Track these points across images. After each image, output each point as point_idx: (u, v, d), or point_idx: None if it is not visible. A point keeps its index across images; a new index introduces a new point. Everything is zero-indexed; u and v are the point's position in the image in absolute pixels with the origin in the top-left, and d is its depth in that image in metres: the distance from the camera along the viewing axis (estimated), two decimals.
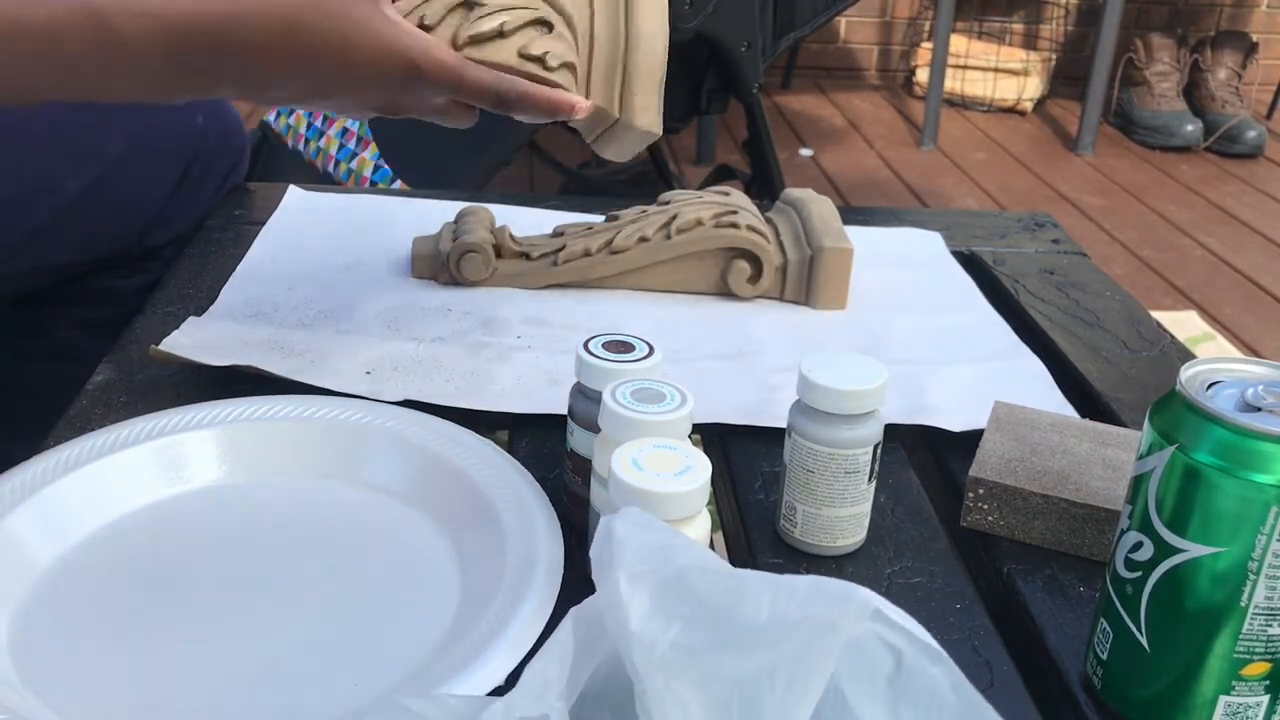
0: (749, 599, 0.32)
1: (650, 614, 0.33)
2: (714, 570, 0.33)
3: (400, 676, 0.49)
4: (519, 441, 0.68)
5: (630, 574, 0.34)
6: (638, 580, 0.33)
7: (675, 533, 0.36)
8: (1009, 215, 1.11)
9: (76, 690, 0.48)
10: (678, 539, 0.35)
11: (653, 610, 0.33)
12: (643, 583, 0.33)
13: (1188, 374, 0.46)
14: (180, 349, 0.71)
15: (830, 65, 3.77)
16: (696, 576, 0.33)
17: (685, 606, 0.33)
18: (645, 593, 0.33)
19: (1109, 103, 3.32)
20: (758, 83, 1.71)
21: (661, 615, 0.33)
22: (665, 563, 0.33)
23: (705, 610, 0.33)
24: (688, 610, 0.33)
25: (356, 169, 1.58)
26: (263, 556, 0.57)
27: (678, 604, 0.33)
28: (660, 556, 0.34)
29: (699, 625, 0.32)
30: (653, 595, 0.33)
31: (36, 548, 0.55)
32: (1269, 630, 0.45)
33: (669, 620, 0.33)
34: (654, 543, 0.34)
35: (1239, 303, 2.30)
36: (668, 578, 0.33)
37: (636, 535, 0.35)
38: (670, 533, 0.36)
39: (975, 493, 0.62)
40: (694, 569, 0.33)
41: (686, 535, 0.38)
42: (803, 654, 0.32)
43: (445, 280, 0.87)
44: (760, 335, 0.83)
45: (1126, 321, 0.89)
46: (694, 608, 0.33)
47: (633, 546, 0.34)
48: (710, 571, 0.33)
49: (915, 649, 0.34)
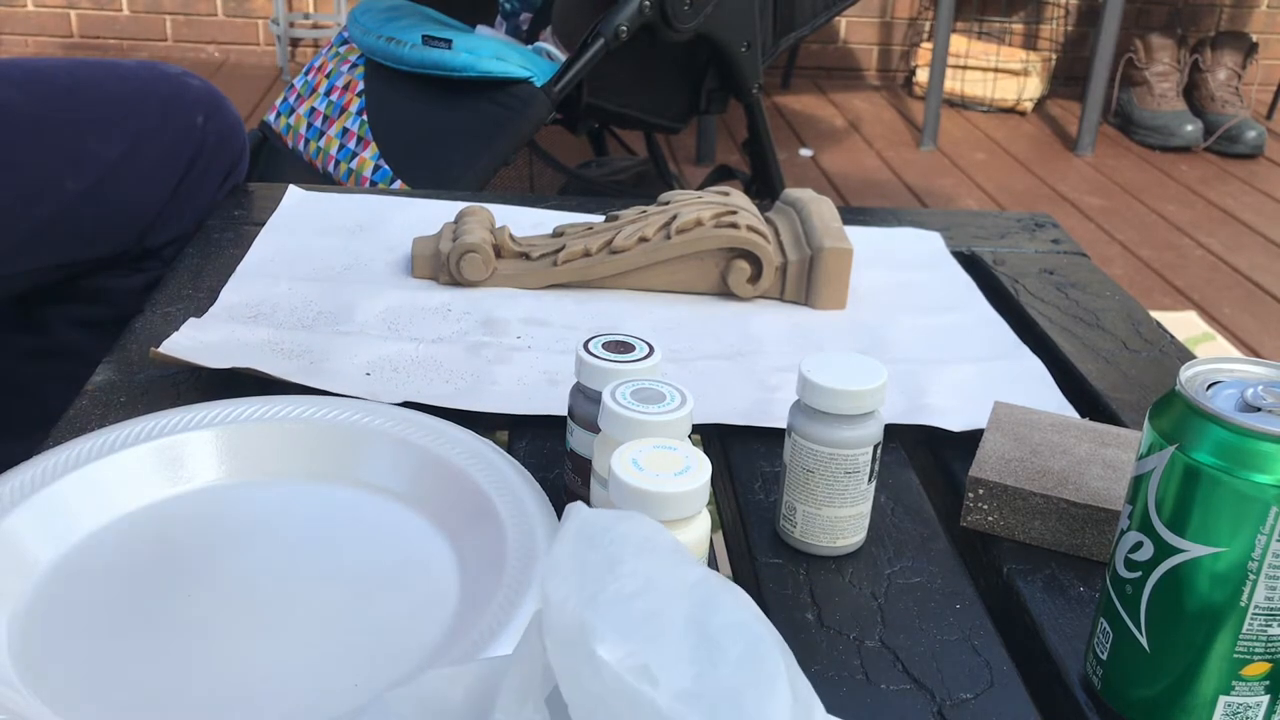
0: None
1: (576, 694, 0.34)
2: (618, 673, 0.33)
3: (400, 676, 0.49)
4: (519, 441, 0.68)
5: (554, 643, 0.34)
6: (561, 655, 0.34)
7: (611, 566, 0.36)
8: (1009, 215, 1.11)
9: (76, 690, 0.48)
10: (606, 586, 0.35)
11: (576, 691, 0.34)
12: (566, 659, 0.34)
13: (1188, 374, 0.46)
14: (180, 351, 0.71)
15: (830, 65, 3.77)
16: (605, 671, 0.33)
17: (601, 690, 0.34)
18: (568, 670, 0.34)
19: (1109, 103, 3.32)
20: (758, 83, 1.71)
21: (585, 697, 0.34)
22: (581, 639, 0.34)
23: (618, 705, 0.33)
24: (605, 696, 0.34)
25: (356, 169, 1.57)
26: (262, 557, 0.57)
27: (595, 686, 0.34)
28: (576, 630, 0.34)
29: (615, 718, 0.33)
30: (575, 673, 0.34)
31: (36, 548, 0.55)
32: (1269, 630, 0.45)
33: (593, 705, 0.34)
34: (571, 609, 0.34)
35: (1239, 303, 2.30)
36: (584, 659, 0.34)
37: (561, 586, 0.35)
38: (602, 573, 0.36)
39: (975, 493, 0.62)
40: (602, 663, 0.33)
41: (643, 552, 0.37)
42: None
43: (445, 280, 0.87)
44: (760, 335, 0.83)
45: (1126, 321, 0.89)
46: (609, 698, 0.33)
47: (555, 608, 0.34)
48: (615, 673, 0.33)
49: None
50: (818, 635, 0.54)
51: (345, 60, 1.71)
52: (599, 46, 1.51)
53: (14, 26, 3.49)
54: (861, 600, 0.56)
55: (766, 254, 0.87)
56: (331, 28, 3.49)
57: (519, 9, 1.89)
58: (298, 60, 3.51)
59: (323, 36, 3.48)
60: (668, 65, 1.69)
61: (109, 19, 3.50)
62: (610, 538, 0.37)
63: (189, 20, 3.53)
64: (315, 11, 3.55)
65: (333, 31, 3.42)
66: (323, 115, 1.66)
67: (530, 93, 1.51)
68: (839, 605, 0.56)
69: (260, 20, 3.54)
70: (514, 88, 1.52)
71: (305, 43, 3.53)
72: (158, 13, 3.51)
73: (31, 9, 3.47)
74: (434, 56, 1.53)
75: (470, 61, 1.51)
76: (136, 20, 3.51)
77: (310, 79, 1.74)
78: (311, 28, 3.54)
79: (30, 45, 3.50)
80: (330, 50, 1.77)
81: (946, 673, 0.52)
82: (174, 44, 3.55)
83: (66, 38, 3.51)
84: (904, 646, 0.53)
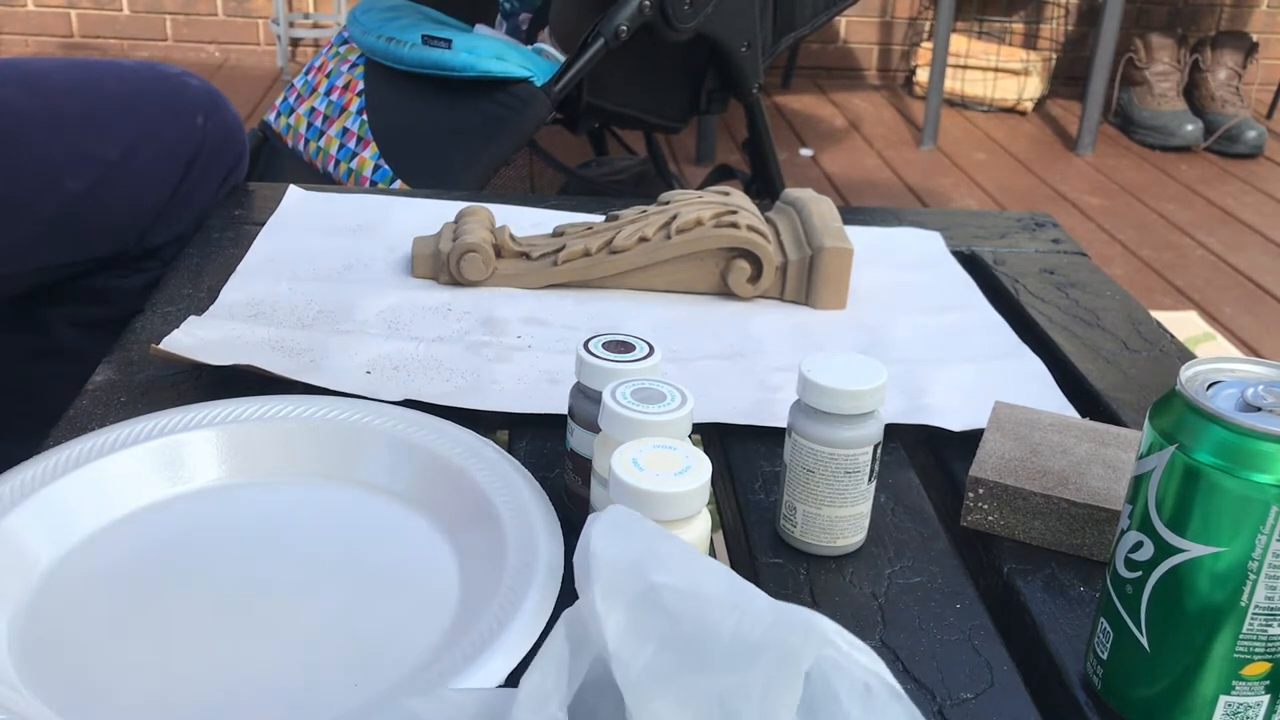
0: (713, 622, 0.33)
1: (624, 634, 0.33)
2: (683, 590, 0.33)
3: (400, 676, 0.49)
4: (519, 441, 0.68)
5: (604, 591, 0.34)
6: (611, 598, 0.34)
7: (654, 539, 0.37)
8: (1009, 215, 1.11)
9: (76, 690, 0.48)
10: (655, 547, 0.36)
11: (627, 630, 0.33)
12: (616, 601, 0.34)
13: (1188, 374, 0.46)
14: (180, 348, 0.71)
15: (830, 65, 3.77)
16: (667, 595, 0.33)
17: (657, 626, 0.33)
18: (619, 612, 0.34)
19: (1109, 103, 3.32)
20: (758, 83, 1.71)
21: (635, 636, 0.33)
22: (637, 579, 0.34)
23: (677, 631, 0.33)
24: (660, 630, 0.33)
25: (356, 169, 1.57)
26: (262, 556, 0.57)
27: (650, 623, 0.33)
28: (633, 572, 0.34)
29: (671, 647, 0.33)
30: (626, 614, 0.34)
31: (36, 548, 0.55)
32: (1269, 630, 0.45)
33: (642, 641, 0.33)
34: (626, 557, 0.35)
35: (1239, 303, 2.30)
36: (639, 595, 0.33)
37: (611, 547, 0.35)
38: (648, 540, 0.36)
39: (975, 492, 0.62)
40: (664, 587, 0.33)
41: (670, 538, 0.38)
42: (771, 679, 0.32)
43: (445, 280, 0.87)
44: (760, 335, 0.83)
45: (1126, 321, 0.89)
46: (666, 628, 0.33)
47: (607, 560, 0.35)
48: (679, 591, 0.33)
49: (879, 684, 0.34)
50: None
51: (345, 60, 1.71)
52: (599, 46, 1.51)
53: (14, 26, 3.49)
54: (862, 600, 0.56)
55: (767, 254, 0.87)
56: (331, 28, 3.49)
57: (519, 9, 1.89)
58: (298, 60, 3.51)
59: (323, 36, 3.48)
60: (667, 65, 1.69)
61: (109, 19, 3.50)
62: (646, 526, 0.37)
63: (189, 20, 3.54)
64: (315, 11, 3.56)
65: (333, 31, 3.42)
66: (323, 115, 1.66)
67: (530, 92, 1.51)
68: (839, 605, 0.56)
69: (260, 20, 3.54)
70: (514, 87, 1.52)
71: (305, 43, 3.53)
72: (158, 13, 3.52)
73: (31, 9, 3.47)
74: (434, 56, 1.53)
75: (470, 61, 1.51)
76: (136, 20, 3.51)
77: (310, 79, 1.74)
78: (311, 28, 3.54)
79: (30, 45, 3.50)
80: (330, 50, 1.77)
81: (946, 673, 0.52)
82: (174, 44, 3.55)
83: (66, 38, 3.51)
84: (904, 646, 0.53)
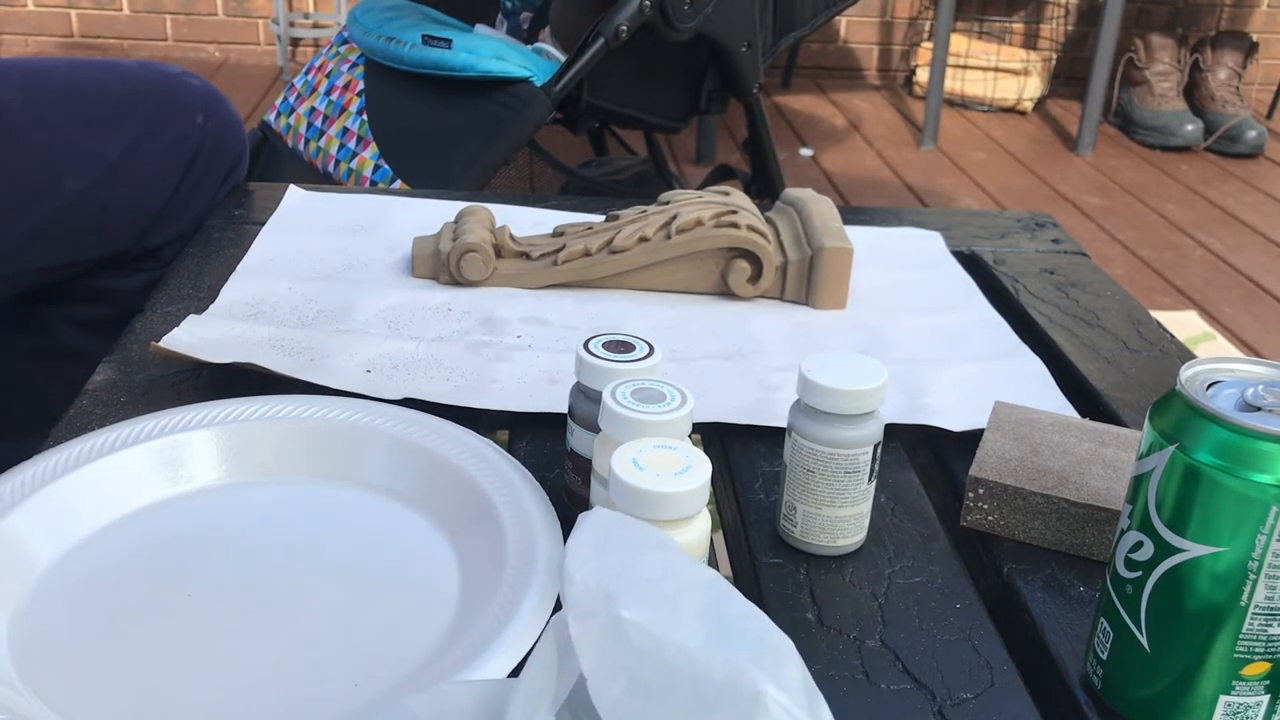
0: (674, 667, 0.33)
1: (597, 665, 0.34)
2: (646, 629, 0.33)
3: (400, 676, 0.49)
4: (519, 441, 0.68)
5: (576, 617, 0.34)
6: (583, 623, 0.34)
7: (634, 550, 0.36)
8: (1009, 215, 1.11)
9: (76, 690, 0.48)
10: (631, 566, 0.36)
11: (599, 661, 0.34)
12: (588, 629, 0.34)
13: (1188, 374, 0.46)
14: (180, 346, 0.71)
15: (830, 65, 3.77)
16: (633, 633, 0.33)
17: (626, 660, 0.33)
18: (590, 640, 0.34)
19: (1109, 103, 3.32)
20: (758, 83, 1.71)
21: (607, 666, 0.34)
22: (607, 606, 0.34)
23: (643, 670, 0.33)
24: (628, 665, 0.33)
25: (356, 169, 1.57)
26: (262, 556, 0.57)
27: (619, 657, 0.33)
28: (603, 596, 0.34)
29: (639, 684, 0.33)
30: (596, 645, 0.34)
31: (36, 548, 0.55)
32: (1269, 630, 0.45)
33: (613, 673, 0.33)
34: (596, 580, 0.35)
35: (1239, 303, 2.30)
36: (608, 624, 0.34)
37: (584, 567, 0.35)
38: (626, 555, 0.36)
39: (975, 492, 0.62)
40: (629, 624, 0.33)
41: (652, 546, 0.38)
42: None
43: (445, 280, 0.87)
44: (760, 335, 0.83)
45: (1126, 321, 0.89)
46: (633, 663, 0.33)
47: (578, 582, 0.35)
48: (644, 630, 0.33)
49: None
50: (818, 635, 0.54)
51: (345, 60, 1.71)
52: (599, 46, 1.51)
53: (14, 26, 3.49)
54: (862, 600, 0.56)
55: (767, 254, 0.87)
56: (331, 27, 3.49)
57: (519, 8, 1.89)
58: (298, 60, 3.51)
59: (323, 36, 3.48)
60: (667, 65, 1.69)
61: (109, 19, 3.50)
62: (628, 535, 0.37)
63: (189, 20, 3.53)
64: (315, 11, 3.55)
65: (333, 31, 3.42)
66: (323, 115, 1.66)
67: (530, 92, 1.51)
68: (839, 605, 0.56)
69: (260, 20, 3.54)
70: (514, 87, 1.52)
71: (305, 43, 3.53)
72: (158, 13, 3.51)
73: (31, 9, 3.47)
74: (434, 56, 1.53)
75: (470, 61, 1.51)
76: (136, 20, 3.51)
77: (310, 79, 1.74)
78: (311, 27, 3.54)
79: (30, 45, 3.50)
80: (330, 50, 1.77)
81: (946, 672, 0.52)
82: (174, 44, 3.55)
83: (66, 38, 3.51)
84: (904, 646, 0.53)
